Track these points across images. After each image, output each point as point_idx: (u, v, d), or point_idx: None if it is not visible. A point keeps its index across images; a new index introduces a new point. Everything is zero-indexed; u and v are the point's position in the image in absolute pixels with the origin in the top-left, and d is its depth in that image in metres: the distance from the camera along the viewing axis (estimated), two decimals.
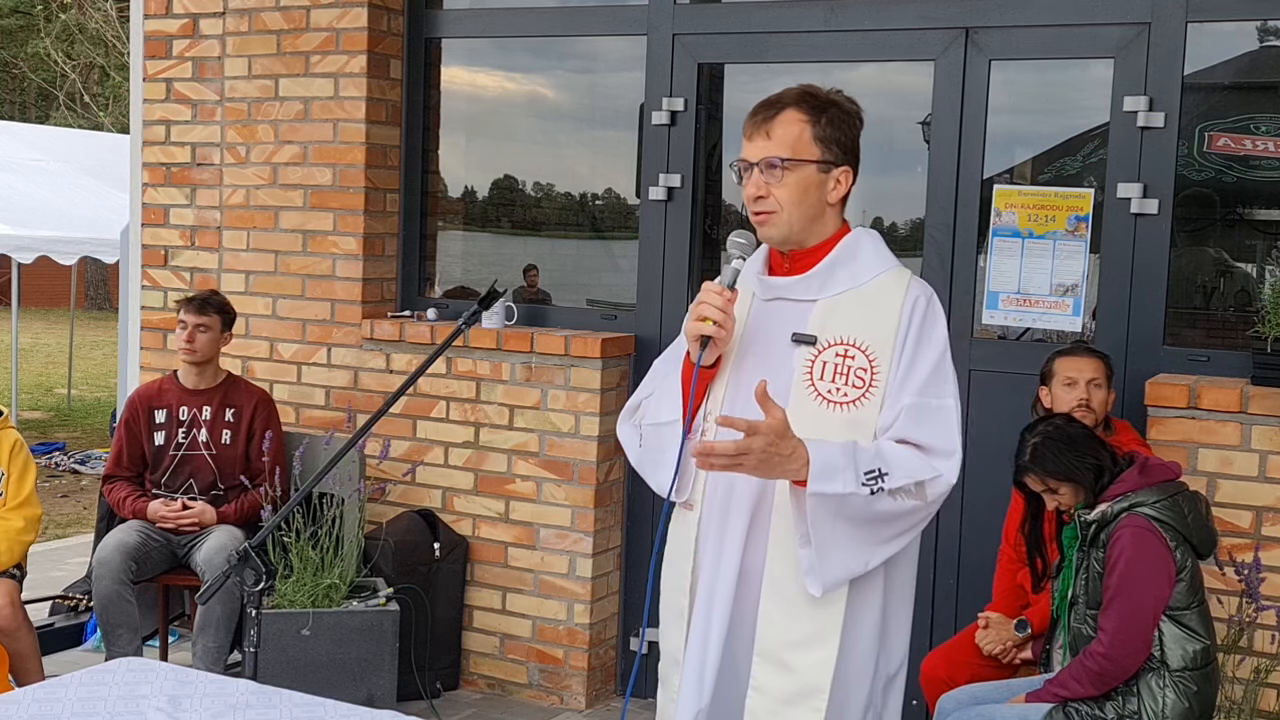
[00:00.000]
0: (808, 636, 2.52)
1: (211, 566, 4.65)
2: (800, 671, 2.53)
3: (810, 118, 2.55)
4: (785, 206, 2.54)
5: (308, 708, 2.91)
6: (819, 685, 2.52)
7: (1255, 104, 4.34)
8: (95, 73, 25.80)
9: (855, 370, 2.52)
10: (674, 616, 2.67)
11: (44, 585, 6.15)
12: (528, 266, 5.64)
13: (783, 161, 2.53)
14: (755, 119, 2.58)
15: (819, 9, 4.76)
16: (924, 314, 2.55)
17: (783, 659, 2.54)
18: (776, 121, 2.55)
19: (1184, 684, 3.28)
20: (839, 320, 2.55)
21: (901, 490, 2.44)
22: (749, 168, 2.57)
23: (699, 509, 2.60)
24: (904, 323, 2.53)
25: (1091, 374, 3.87)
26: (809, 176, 2.55)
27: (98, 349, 19.06)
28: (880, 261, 2.62)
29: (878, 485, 2.41)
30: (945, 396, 2.52)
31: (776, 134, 2.54)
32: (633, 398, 2.79)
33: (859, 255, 2.61)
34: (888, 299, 2.56)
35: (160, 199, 5.77)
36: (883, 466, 2.42)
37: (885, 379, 2.52)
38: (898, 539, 2.51)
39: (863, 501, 2.40)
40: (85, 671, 3.11)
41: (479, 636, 5.20)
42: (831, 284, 2.58)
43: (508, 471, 5.12)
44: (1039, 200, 4.47)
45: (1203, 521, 3.38)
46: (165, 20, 5.69)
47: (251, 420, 5.00)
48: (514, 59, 5.59)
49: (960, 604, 4.58)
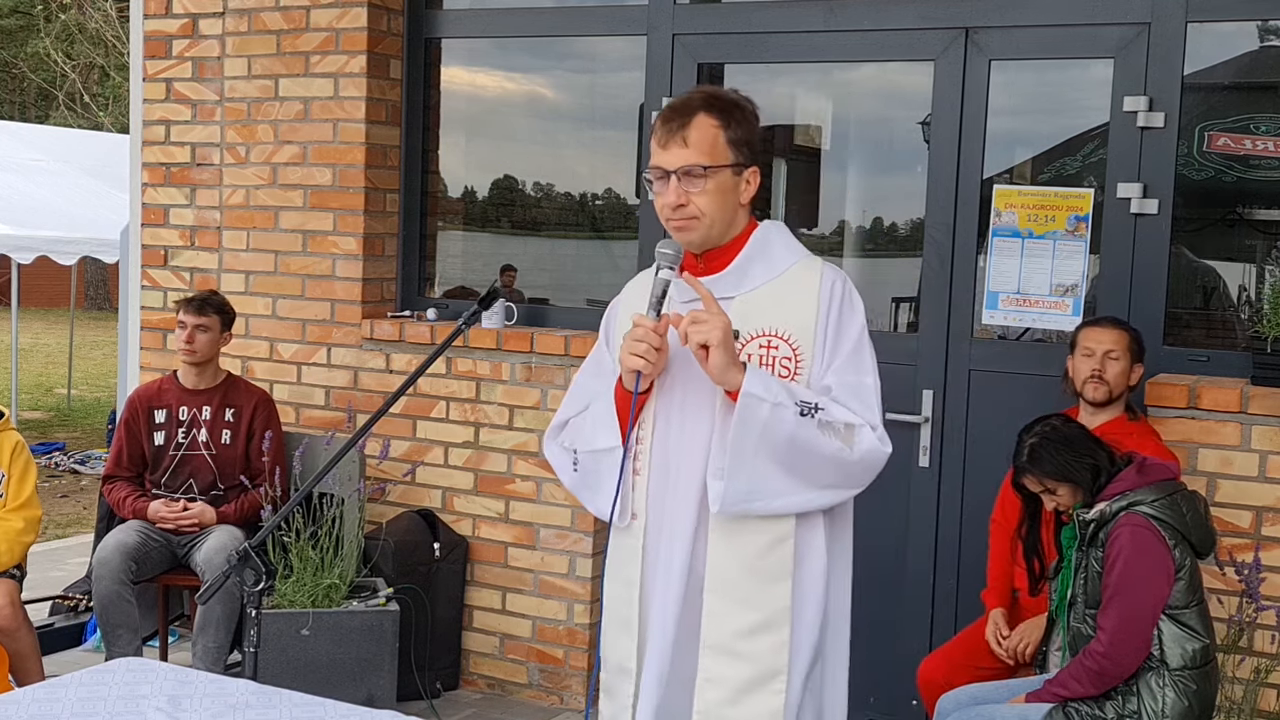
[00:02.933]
0: (759, 624, 2.57)
1: (211, 566, 4.65)
2: (755, 658, 2.57)
3: (721, 121, 2.57)
4: (707, 213, 2.57)
5: (308, 708, 2.91)
6: (777, 668, 2.57)
7: (1255, 104, 4.34)
8: (95, 73, 25.80)
9: (780, 360, 2.57)
10: (619, 626, 2.68)
11: (44, 585, 6.15)
12: (505, 266, 5.64)
13: (704, 169, 2.54)
14: (669, 126, 2.57)
15: (819, 9, 4.76)
16: (841, 297, 2.60)
17: (734, 649, 2.58)
18: (691, 127, 2.55)
19: (1183, 683, 3.28)
20: (759, 313, 2.59)
21: (831, 427, 2.49)
22: (664, 176, 2.57)
23: (643, 518, 2.63)
24: (823, 308, 2.58)
25: (1109, 345, 3.89)
26: (726, 181, 2.58)
27: (98, 349, 19.06)
28: (791, 253, 2.67)
29: (810, 412, 2.47)
30: (864, 374, 2.58)
31: (693, 140, 2.54)
32: (558, 415, 2.81)
33: (771, 248, 2.66)
34: (804, 287, 2.60)
35: (160, 199, 5.77)
36: (819, 403, 2.50)
37: (810, 364, 2.57)
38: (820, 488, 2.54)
39: (793, 419, 2.45)
40: (85, 671, 3.12)
41: (479, 636, 5.21)
42: (748, 279, 2.63)
43: (508, 471, 5.12)
44: (1039, 200, 4.47)
45: (1201, 520, 3.38)
46: (165, 20, 5.69)
47: (251, 420, 5.00)
48: (514, 59, 5.59)
49: (960, 604, 4.58)
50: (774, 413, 2.44)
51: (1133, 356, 3.92)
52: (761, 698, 2.57)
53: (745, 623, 2.57)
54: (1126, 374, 3.91)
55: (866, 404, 2.55)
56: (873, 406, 2.56)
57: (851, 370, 2.57)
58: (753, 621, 2.57)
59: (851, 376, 2.56)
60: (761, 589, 2.56)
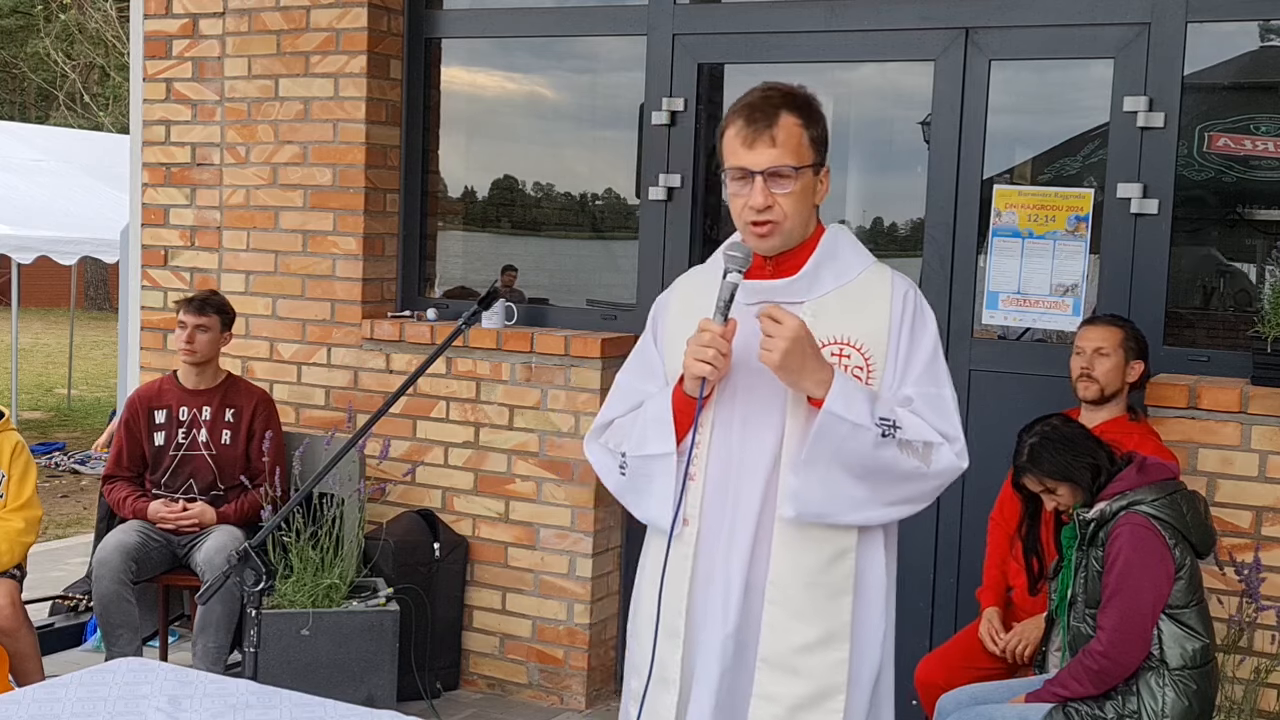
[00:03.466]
0: (819, 640, 2.50)
1: (211, 566, 4.65)
2: (814, 675, 2.50)
3: (804, 120, 2.50)
4: (790, 215, 2.49)
5: (308, 708, 2.91)
6: (835, 686, 2.50)
7: (1255, 104, 4.34)
8: (95, 73, 25.81)
9: (852, 369, 2.50)
10: (666, 635, 2.58)
11: (44, 585, 6.15)
12: (506, 266, 5.65)
13: (795, 170, 2.46)
14: (754, 125, 2.48)
15: (819, 9, 4.76)
16: (915, 308, 2.55)
17: (792, 665, 2.50)
18: (778, 127, 2.47)
19: (1183, 682, 3.28)
20: (830, 320, 2.53)
21: (909, 446, 2.43)
22: (749, 176, 2.48)
23: (696, 525, 2.56)
24: (896, 318, 2.53)
25: (1098, 343, 3.89)
26: (809, 182, 2.51)
27: (98, 349, 19.06)
28: (861, 258, 2.61)
29: (890, 431, 2.41)
30: (943, 386, 2.53)
31: (781, 140, 2.46)
32: (601, 415, 2.73)
33: (840, 253, 2.59)
34: (876, 295, 2.55)
35: (160, 199, 5.77)
36: (897, 420, 2.43)
37: (881, 375, 2.52)
38: (893, 504, 2.49)
39: (871, 441, 2.39)
40: (85, 671, 3.11)
41: (479, 636, 5.20)
42: (819, 284, 2.56)
43: (508, 471, 5.12)
44: (1039, 200, 4.47)
45: (1201, 520, 3.38)
46: (165, 20, 5.69)
47: (251, 420, 5.00)
48: (514, 59, 5.60)
49: (960, 604, 4.58)
50: (854, 433, 2.38)
51: (1128, 353, 3.91)
52: (818, 716, 2.49)
53: (805, 638, 2.50)
54: (1119, 371, 3.90)
55: (946, 417, 2.50)
56: (952, 419, 2.51)
57: (930, 382, 2.52)
58: (813, 637, 2.50)
59: (931, 388, 2.51)
60: (823, 604, 2.49)
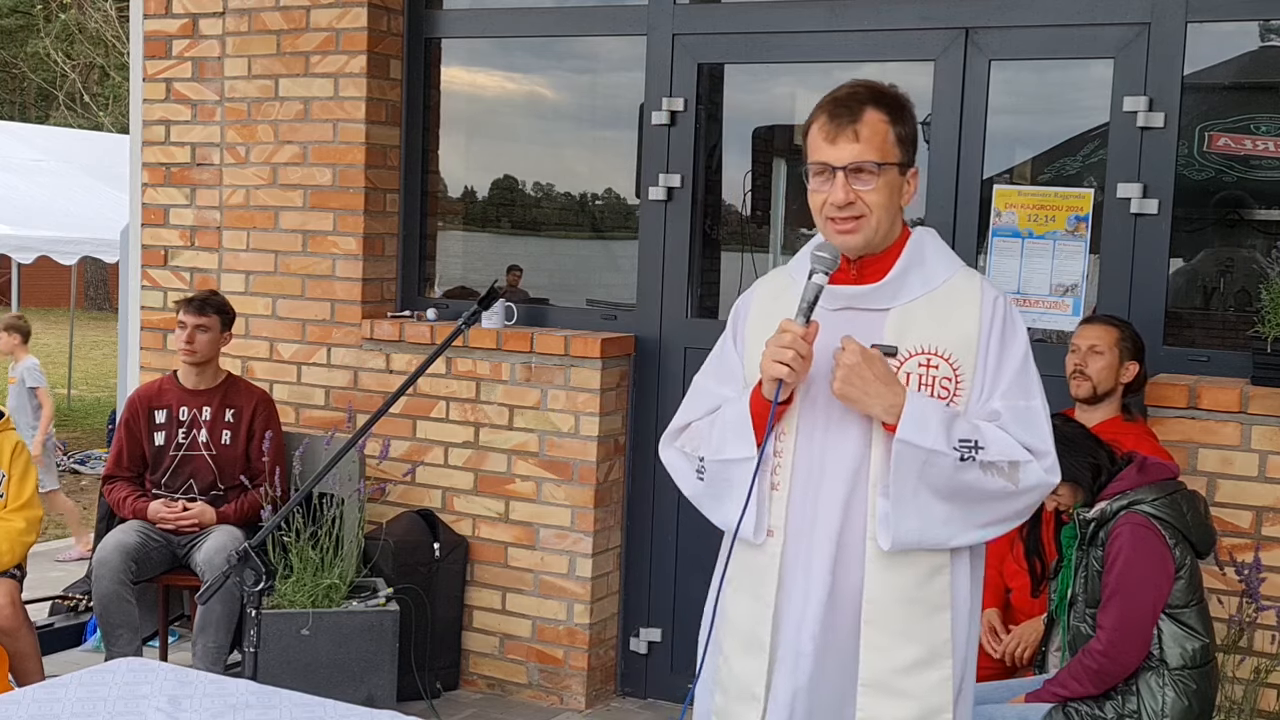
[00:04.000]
0: (921, 659, 2.44)
1: (211, 566, 4.65)
2: (918, 696, 2.44)
3: (891, 117, 2.44)
4: (875, 211, 2.42)
5: (307, 708, 2.91)
6: (940, 706, 2.45)
7: (1255, 104, 4.34)
8: (95, 73, 25.80)
9: (940, 380, 2.44)
10: (749, 648, 2.52)
11: (44, 585, 6.15)
12: (511, 266, 5.65)
13: (878, 166, 2.41)
14: (838, 120, 2.43)
15: (819, 9, 4.76)
16: (1004, 316, 2.48)
17: (894, 686, 2.44)
18: (863, 122, 2.41)
19: (1183, 682, 3.28)
20: (917, 328, 2.46)
21: (994, 466, 2.37)
22: (830, 171, 2.43)
23: (780, 536, 2.48)
24: (985, 327, 2.46)
25: (1092, 341, 3.90)
26: (894, 180, 2.44)
27: (98, 349, 19.06)
28: (948, 264, 2.53)
29: (970, 454, 2.35)
30: (1033, 398, 2.46)
31: (865, 135, 2.41)
32: (677, 418, 2.66)
33: (927, 258, 2.51)
34: (965, 303, 2.47)
35: (160, 199, 5.77)
36: (979, 440, 2.37)
37: (970, 386, 2.45)
38: (986, 526, 2.43)
39: (951, 466, 2.34)
40: (85, 671, 3.12)
41: (479, 636, 5.20)
42: (905, 290, 2.48)
43: (508, 471, 5.12)
44: (1039, 200, 4.47)
45: (1201, 520, 3.38)
46: (165, 20, 5.68)
47: (251, 420, 5.00)
48: (514, 59, 5.59)
49: None
50: (932, 459, 2.33)
51: (1123, 354, 3.91)
52: None
53: (906, 658, 2.43)
54: (1113, 370, 3.90)
55: (1034, 430, 2.43)
56: (1041, 432, 2.43)
57: (1020, 394, 2.44)
58: (914, 656, 2.43)
59: (1020, 400, 2.43)
60: (922, 621, 2.43)
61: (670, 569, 5.08)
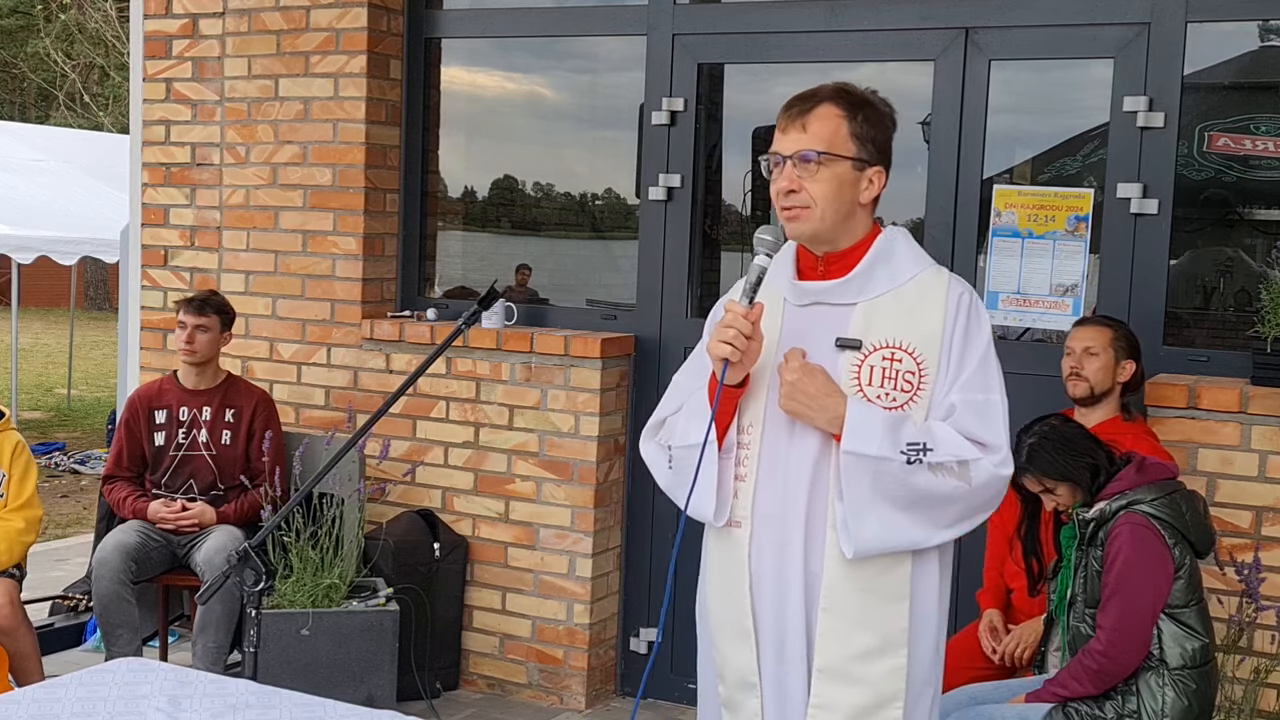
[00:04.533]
0: (875, 647, 2.48)
1: (211, 566, 4.65)
2: (871, 683, 2.48)
3: (847, 113, 2.50)
4: (818, 202, 2.48)
5: (307, 708, 2.91)
6: (893, 695, 2.48)
7: (1255, 104, 4.34)
8: (95, 73, 25.80)
9: (903, 374, 2.47)
10: (738, 637, 2.57)
11: (44, 585, 6.15)
12: (520, 265, 5.65)
13: (818, 155, 2.46)
14: (790, 112, 2.51)
15: (819, 9, 4.77)
16: (969, 311, 2.51)
17: (848, 672, 2.48)
18: (813, 115, 2.48)
19: (1183, 682, 3.28)
20: (882, 323, 2.50)
21: (943, 467, 2.40)
22: (781, 161, 2.50)
23: (748, 526, 2.53)
24: (949, 322, 2.49)
25: (1087, 342, 3.90)
26: (843, 173, 2.49)
27: (98, 349, 19.05)
28: (917, 261, 2.58)
29: (917, 456, 2.38)
30: (992, 392, 2.49)
31: (812, 128, 2.48)
32: (655, 414, 2.71)
33: (895, 255, 2.56)
34: (930, 299, 2.52)
35: (160, 199, 5.77)
36: (928, 441, 2.40)
37: (933, 380, 2.48)
38: (946, 526, 2.46)
39: (900, 470, 2.37)
40: (85, 671, 3.11)
41: (479, 636, 5.20)
42: (871, 286, 2.53)
43: (507, 471, 5.12)
44: (1039, 200, 4.47)
45: (1200, 519, 3.38)
46: (165, 20, 5.69)
47: (251, 420, 5.00)
48: (514, 59, 5.60)
49: (959, 605, 4.57)
50: (879, 466, 2.37)
51: (1119, 353, 3.91)
52: None
53: (861, 645, 2.47)
54: (1109, 370, 3.90)
55: (989, 424, 2.45)
56: (996, 426, 2.46)
57: (978, 387, 2.47)
58: (869, 644, 2.47)
59: (978, 394, 2.47)
60: (878, 610, 2.47)
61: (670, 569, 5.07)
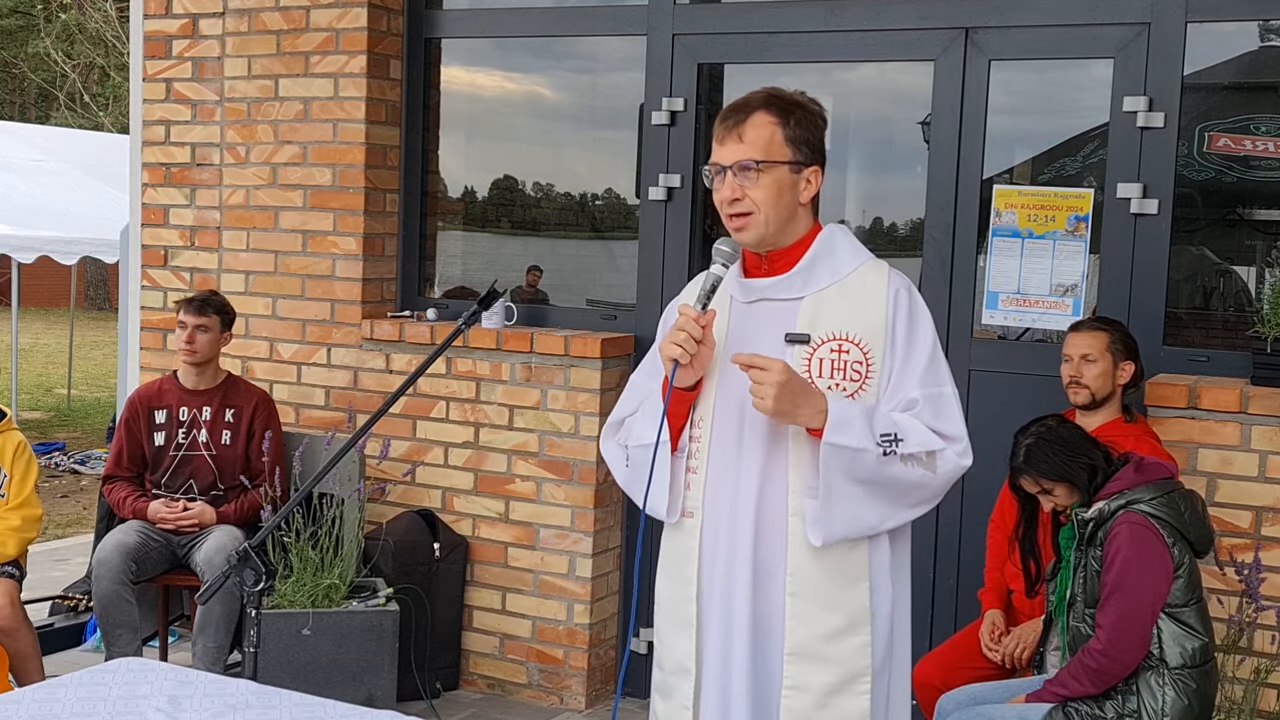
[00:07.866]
0: (842, 627, 2.58)
1: (211, 566, 4.65)
2: (840, 661, 2.59)
3: (780, 119, 2.59)
4: (761, 208, 2.57)
5: (307, 708, 2.91)
6: (861, 670, 2.59)
7: (1255, 104, 4.34)
8: (95, 73, 25.80)
9: (851, 364, 2.58)
10: (680, 625, 2.68)
11: (44, 585, 6.15)
12: (531, 266, 5.65)
13: (757, 164, 2.56)
14: (725, 123, 2.61)
15: (819, 9, 4.77)
16: (909, 303, 2.62)
17: (818, 653, 2.58)
18: (748, 125, 2.58)
19: (1183, 682, 3.28)
20: (828, 316, 2.60)
21: (913, 458, 2.51)
22: (721, 171, 2.60)
23: (699, 517, 2.65)
24: (891, 312, 2.59)
25: (1084, 349, 3.89)
26: (782, 177, 2.59)
27: (98, 349, 19.06)
28: (856, 255, 2.67)
29: (891, 448, 2.49)
30: (944, 384, 2.60)
31: (749, 137, 2.57)
32: (614, 414, 2.84)
33: (836, 250, 2.66)
34: (872, 290, 2.62)
35: (160, 199, 5.77)
36: (898, 432, 2.52)
37: (880, 369, 2.58)
38: (907, 509, 2.58)
39: (875, 460, 2.48)
40: (85, 671, 3.12)
41: (479, 636, 5.21)
42: (814, 280, 2.63)
43: (507, 471, 5.12)
44: (1039, 200, 4.47)
45: (1199, 519, 3.38)
46: (165, 20, 5.69)
47: (251, 420, 5.00)
48: (514, 59, 5.60)
49: (960, 604, 4.58)
50: (857, 457, 2.47)
51: (1117, 356, 3.90)
52: (848, 700, 2.59)
53: (829, 626, 2.58)
54: (1109, 374, 3.89)
55: (947, 416, 2.57)
56: (953, 418, 2.58)
57: (934, 381, 2.58)
58: (836, 624, 2.58)
59: (934, 388, 2.58)
60: (843, 591, 2.58)
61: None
